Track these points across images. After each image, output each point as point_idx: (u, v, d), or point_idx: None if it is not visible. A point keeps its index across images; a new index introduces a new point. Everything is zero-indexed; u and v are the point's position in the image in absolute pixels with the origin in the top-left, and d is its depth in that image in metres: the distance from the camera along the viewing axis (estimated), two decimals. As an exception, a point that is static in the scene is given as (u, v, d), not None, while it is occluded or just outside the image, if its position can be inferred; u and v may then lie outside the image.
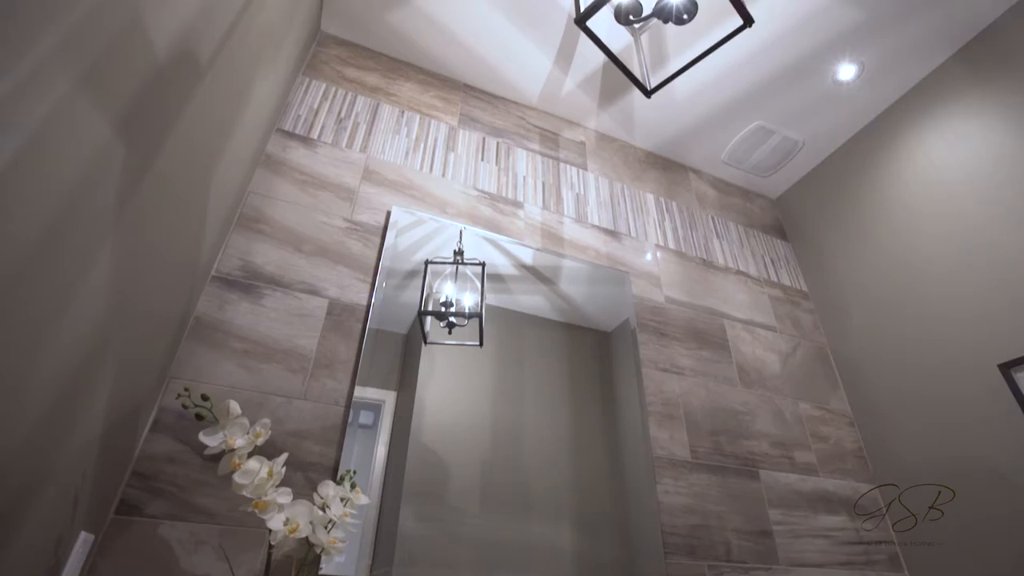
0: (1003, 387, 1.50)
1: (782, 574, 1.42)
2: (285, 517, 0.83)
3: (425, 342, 1.35)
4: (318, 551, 0.88)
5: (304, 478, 1.07)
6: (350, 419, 1.15)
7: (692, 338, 1.76)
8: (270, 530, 0.81)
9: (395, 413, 1.21)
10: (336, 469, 1.09)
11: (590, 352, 1.54)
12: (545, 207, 1.82)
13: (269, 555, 0.82)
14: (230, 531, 0.97)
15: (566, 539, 1.22)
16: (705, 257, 2.03)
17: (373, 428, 1.17)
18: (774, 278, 2.14)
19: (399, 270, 1.43)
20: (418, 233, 1.52)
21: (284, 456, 0.87)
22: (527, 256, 1.64)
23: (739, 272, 2.06)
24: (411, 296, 1.40)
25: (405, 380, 1.26)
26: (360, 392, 1.19)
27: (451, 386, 1.31)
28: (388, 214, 1.52)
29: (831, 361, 2.01)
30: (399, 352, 1.30)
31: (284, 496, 0.84)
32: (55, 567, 0.77)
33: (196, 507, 0.97)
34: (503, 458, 1.26)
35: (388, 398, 1.22)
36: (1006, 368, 1.50)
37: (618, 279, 1.74)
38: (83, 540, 0.83)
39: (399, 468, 1.14)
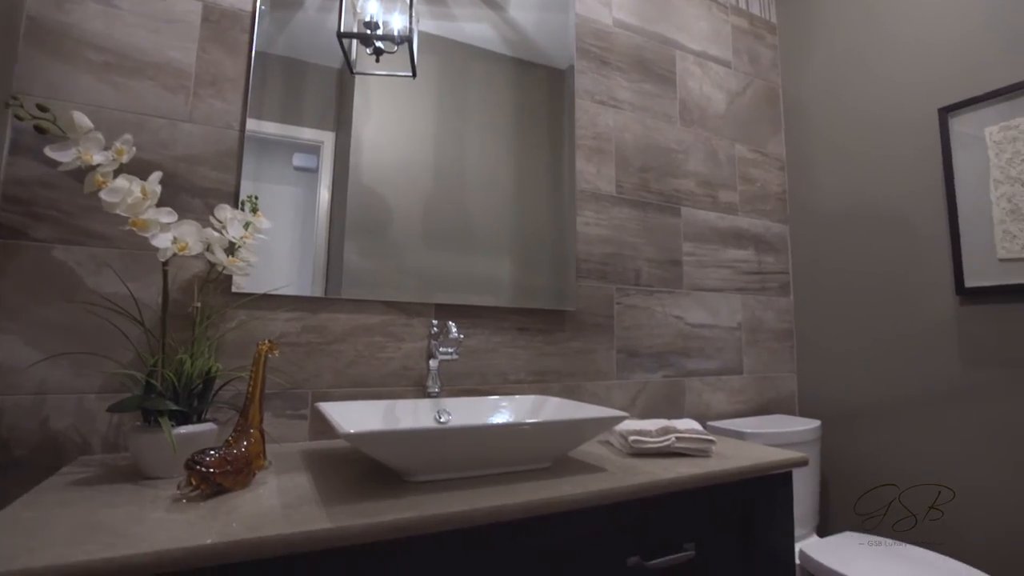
0: (936, 134, 1.49)
1: (682, 296, 1.60)
2: (172, 236, 0.80)
3: (351, 71, 1.19)
4: (220, 270, 0.89)
5: (203, 204, 1.02)
6: (295, 163, 1.11)
7: (636, 69, 1.61)
8: (158, 248, 0.79)
9: (335, 154, 1.16)
10: (237, 195, 1.04)
11: (540, 90, 1.41)
12: None
13: (165, 273, 0.82)
14: (130, 254, 0.96)
15: (505, 269, 1.31)
16: (670, -28, 1.73)
17: (315, 172, 1.13)
18: (743, 5, 1.89)
19: (321, -15, 1.17)
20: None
21: (158, 174, 0.80)
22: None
23: (705, -6, 1.80)
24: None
25: (342, 119, 1.17)
26: (296, 132, 1.12)
27: (389, 124, 1.22)
28: None
29: (780, 103, 1.93)
30: (333, 88, 1.17)
31: (167, 216, 0.81)
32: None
33: (88, 231, 0.93)
34: (445, 197, 1.26)
35: (327, 139, 1.15)
36: (944, 112, 1.46)
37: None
38: (-37, 259, 0.81)
39: (341, 207, 1.15)
